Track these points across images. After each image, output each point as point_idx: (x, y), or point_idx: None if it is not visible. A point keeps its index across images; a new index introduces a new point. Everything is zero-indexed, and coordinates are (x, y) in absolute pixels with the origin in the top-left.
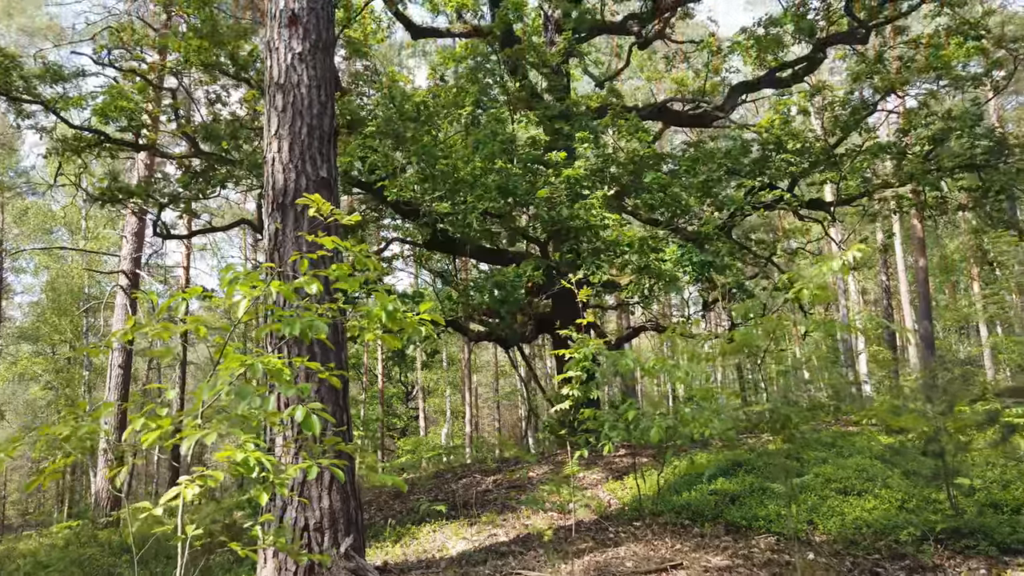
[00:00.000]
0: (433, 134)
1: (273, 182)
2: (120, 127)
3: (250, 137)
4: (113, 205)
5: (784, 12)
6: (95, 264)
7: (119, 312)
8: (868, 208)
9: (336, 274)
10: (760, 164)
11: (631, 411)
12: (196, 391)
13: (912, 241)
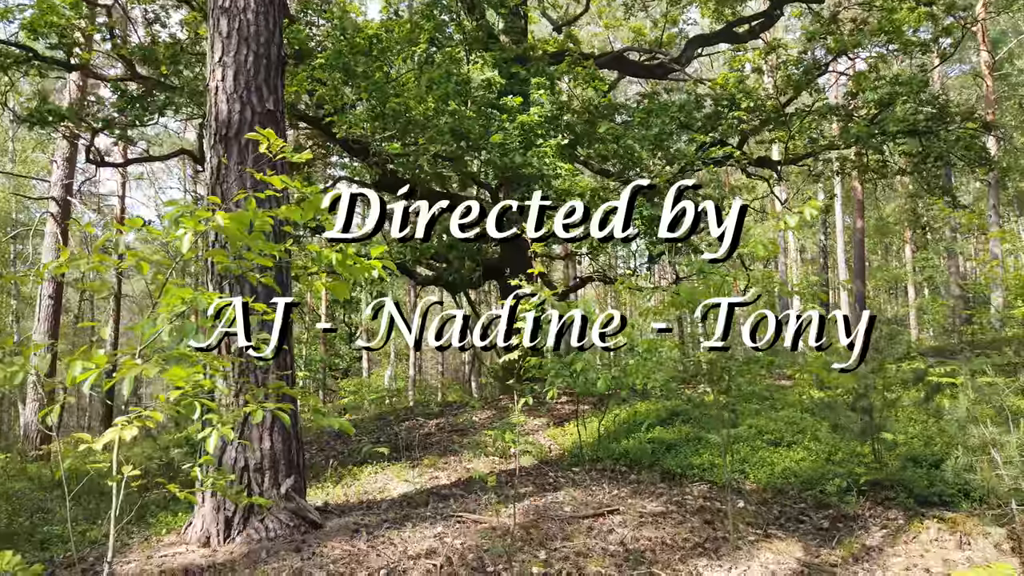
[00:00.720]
0: (385, 70)
1: (216, 113)
2: (51, 44)
3: (191, 63)
4: (43, 127)
5: None
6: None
7: (49, 240)
8: (813, 168)
9: (285, 214)
10: (712, 120)
11: (579, 362)
12: (135, 326)
13: (851, 203)
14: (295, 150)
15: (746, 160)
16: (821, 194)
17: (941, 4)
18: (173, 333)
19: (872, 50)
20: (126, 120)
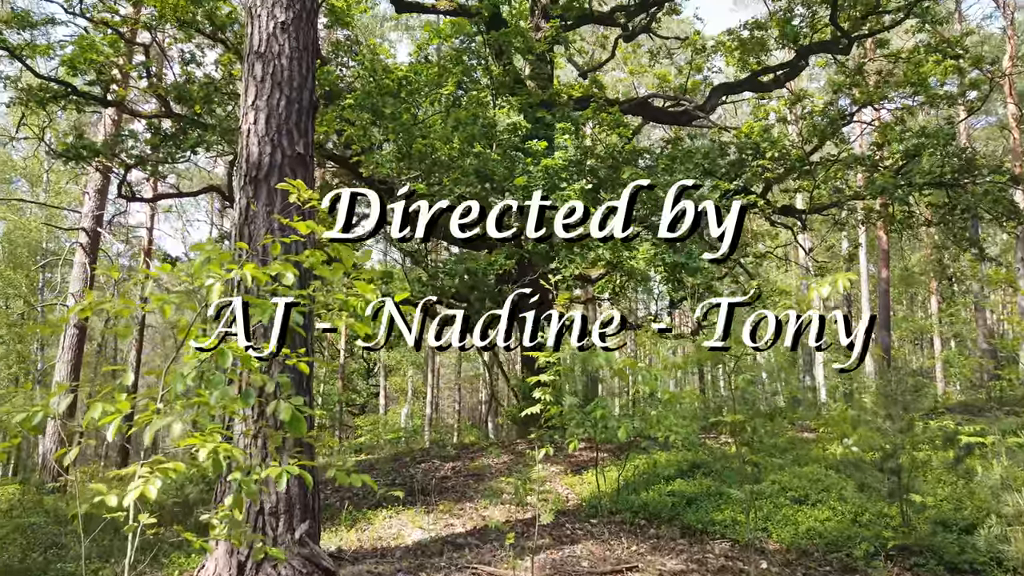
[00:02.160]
0: (412, 112)
1: (247, 155)
2: (88, 80)
3: (224, 101)
4: (77, 162)
5: (770, 16)
6: (56, 219)
7: (77, 269)
8: (837, 217)
9: (310, 262)
10: (737, 167)
11: (599, 411)
12: (161, 373)
13: (876, 251)
14: (322, 188)
15: (770, 209)
16: (845, 243)
17: (968, 58)
18: (197, 380)
19: (898, 101)
20: (159, 157)
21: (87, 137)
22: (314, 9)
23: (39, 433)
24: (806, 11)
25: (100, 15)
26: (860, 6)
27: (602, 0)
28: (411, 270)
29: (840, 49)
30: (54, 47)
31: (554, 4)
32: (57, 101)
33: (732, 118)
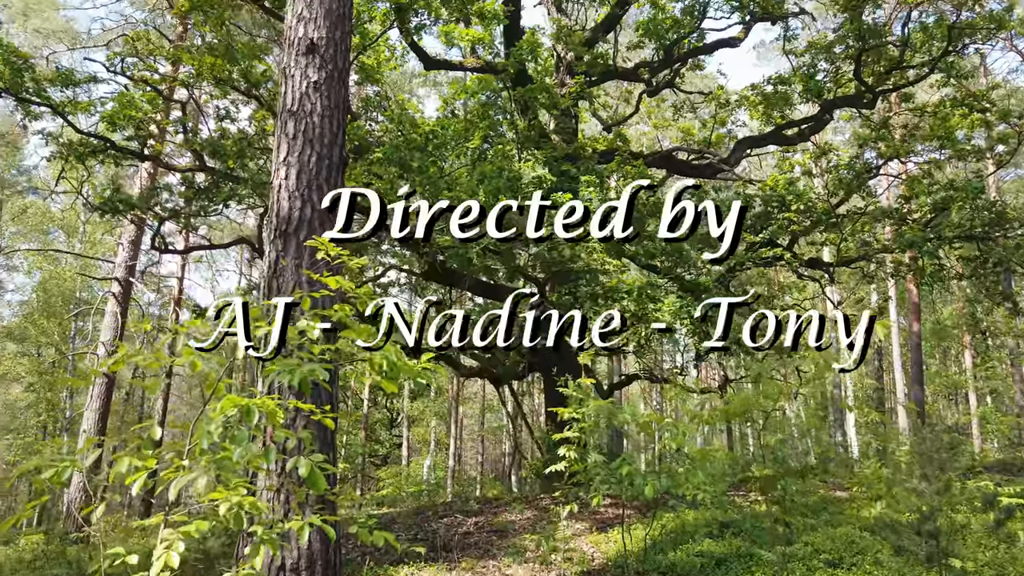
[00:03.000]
0: (439, 165)
1: (278, 209)
2: (127, 136)
3: (256, 155)
4: (113, 215)
5: (794, 71)
6: (89, 269)
7: (108, 318)
8: (866, 270)
9: (338, 316)
10: (762, 220)
11: (625, 467)
12: (189, 428)
13: (906, 304)
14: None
15: (797, 262)
16: (875, 295)
17: (995, 111)
18: (223, 436)
19: (925, 155)
20: (192, 210)
21: (124, 191)
22: (346, 69)
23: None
24: (829, 66)
25: (140, 73)
26: (884, 61)
27: (626, 57)
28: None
29: (865, 104)
30: (95, 104)
31: (579, 61)
32: (96, 155)
33: (757, 171)
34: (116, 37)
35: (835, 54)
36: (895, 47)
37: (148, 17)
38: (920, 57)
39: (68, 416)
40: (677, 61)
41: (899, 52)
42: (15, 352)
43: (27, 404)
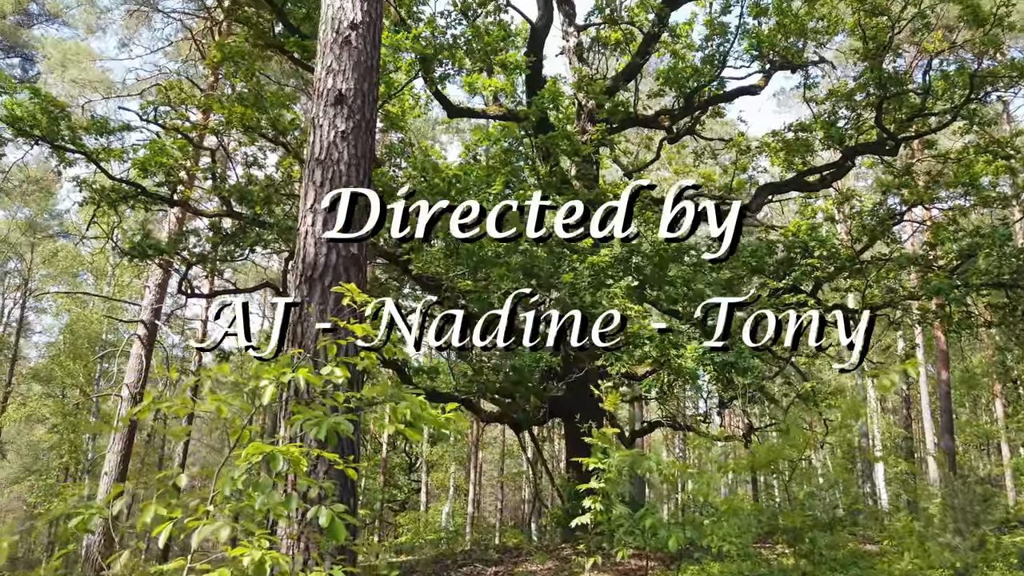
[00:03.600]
0: None
1: (304, 255)
2: (157, 182)
3: (282, 200)
4: (142, 260)
5: (815, 118)
6: (116, 312)
7: (133, 361)
8: (892, 317)
9: (363, 364)
10: (785, 266)
11: (648, 518)
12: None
13: (934, 352)
14: (372, 284)
15: (821, 308)
16: (901, 342)
17: (1019, 158)
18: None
19: (949, 201)
20: (219, 255)
21: (153, 235)
22: (373, 119)
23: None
24: (850, 113)
25: (172, 122)
26: (905, 109)
27: (646, 104)
28: (456, 364)
29: (887, 150)
30: (127, 151)
31: (600, 109)
32: (127, 201)
33: (779, 217)
34: (150, 87)
35: (856, 102)
36: (916, 95)
37: (181, 67)
38: (942, 104)
39: (90, 458)
40: (697, 108)
41: (921, 100)
42: (40, 393)
43: (50, 446)
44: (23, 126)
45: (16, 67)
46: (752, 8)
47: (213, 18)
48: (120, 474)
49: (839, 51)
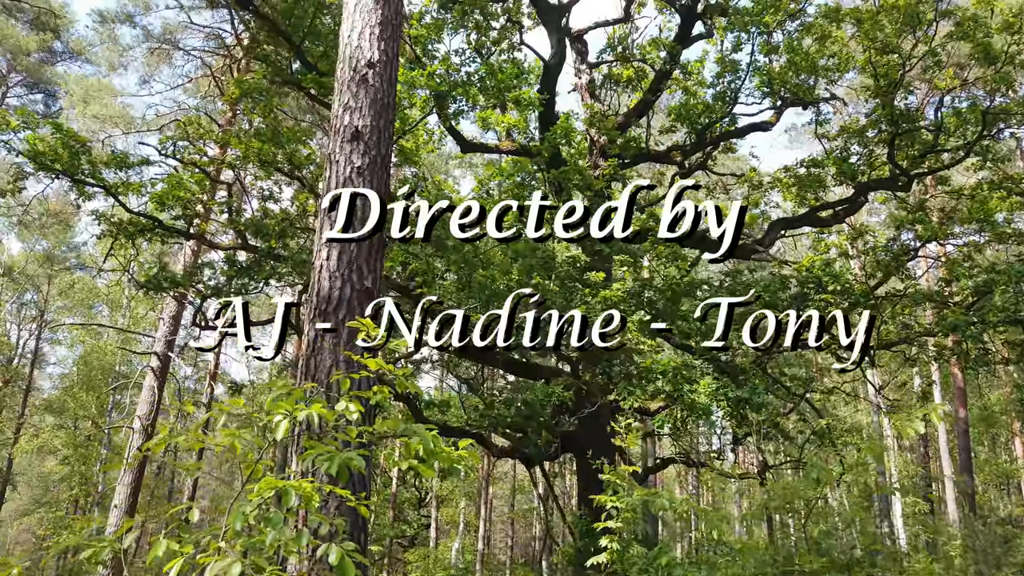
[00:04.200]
0: (474, 243)
1: (318, 289)
2: (174, 215)
3: (297, 234)
4: (157, 293)
5: (826, 154)
6: (130, 343)
7: (146, 393)
8: (908, 354)
9: (377, 399)
10: (799, 301)
11: (663, 557)
12: (224, 509)
13: (952, 389)
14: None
15: (835, 344)
16: (917, 379)
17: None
18: (257, 517)
19: (964, 237)
20: (233, 288)
21: (168, 268)
22: (388, 155)
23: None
24: (863, 150)
25: (190, 156)
26: (918, 145)
27: (658, 140)
28: (467, 398)
29: (900, 186)
30: (146, 185)
31: (612, 144)
32: (144, 234)
33: (792, 252)
34: (169, 122)
35: (868, 138)
36: (928, 131)
37: (200, 103)
38: (954, 141)
39: (100, 490)
40: (709, 144)
41: (933, 136)
42: (53, 425)
43: (60, 477)
44: (44, 160)
45: (39, 103)
46: (763, 46)
47: (232, 56)
48: (130, 507)
49: (850, 88)
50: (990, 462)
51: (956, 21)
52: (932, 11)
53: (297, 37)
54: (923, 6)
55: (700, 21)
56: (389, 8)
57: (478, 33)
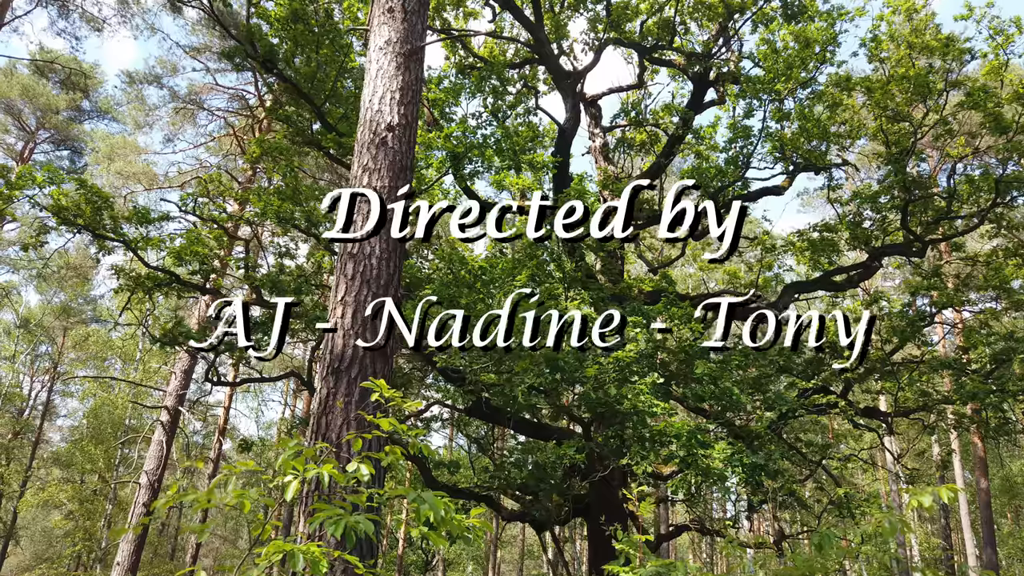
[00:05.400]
0: (487, 302)
1: (332, 346)
2: (191, 270)
3: (312, 291)
4: (172, 347)
5: (840, 219)
6: (141, 396)
7: (154, 447)
8: (926, 421)
9: (388, 460)
10: (814, 366)
11: None
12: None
13: (972, 459)
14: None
15: (852, 410)
16: (936, 447)
17: None
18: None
19: (980, 304)
20: (248, 343)
21: (184, 322)
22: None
23: None
24: (876, 215)
25: (209, 213)
26: (931, 211)
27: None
28: (477, 458)
29: (914, 252)
30: (165, 240)
31: None
32: (161, 289)
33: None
34: (190, 179)
35: (881, 204)
36: (942, 198)
37: (221, 161)
38: (968, 208)
39: (103, 546)
40: (722, 207)
41: (946, 203)
42: (59, 478)
43: (64, 532)
44: (68, 215)
45: (65, 159)
46: (774, 113)
47: (255, 116)
48: (132, 564)
49: (862, 154)
50: (1014, 535)
51: (966, 91)
52: (942, 81)
53: (319, 99)
54: (933, 76)
55: (712, 88)
56: (410, 74)
57: (495, 97)
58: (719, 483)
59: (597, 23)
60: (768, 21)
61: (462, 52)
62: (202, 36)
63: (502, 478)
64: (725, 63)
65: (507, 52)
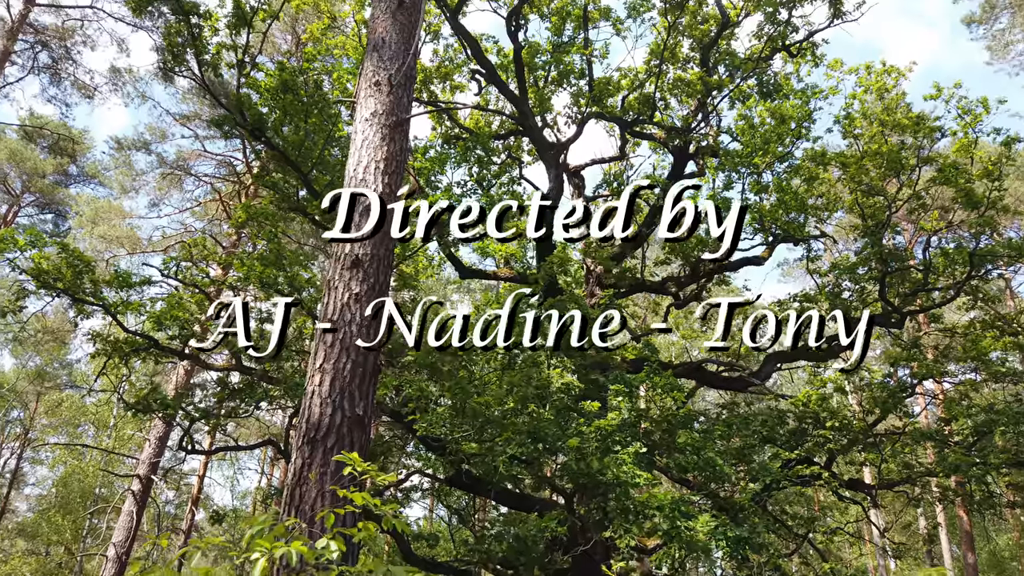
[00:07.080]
0: (469, 369)
1: (308, 415)
2: (171, 335)
3: (292, 356)
4: (146, 414)
5: (819, 289)
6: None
7: (124, 518)
8: (911, 494)
9: (361, 536)
10: (797, 437)
11: None
12: None
13: (959, 532)
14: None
15: (836, 482)
16: (923, 520)
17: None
18: None
19: (960, 375)
20: (224, 410)
21: (160, 388)
22: (387, 282)
23: None
24: (854, 286)
25: (192, 277)
26: (908, 283)
27: (653, 271)
28: (457, 530)
29: (892, 323)
30: (145, 304)
31: (608, 274)
32: (139, 354)
33: (788, 384)
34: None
35: (859, 275)
36: (918, 270)
37: (206, 226)
38: (944, 280)
39: None
40: (703, 276)
41: (923, 275)
42: (24, 550)
43: None
44: (48, 279)
45: (48, 222)
46: (753, 185)
47: (242, 182)
48: None
49: (839, 226)
50: None
51: (938, 167)
52: (914, 157)
53: (305, 167)
54: (905, 152)
55: (692, 161)
56: (395, 145)
57: (480, 167)
58: (704, 556)
59: (580, 97)
60: (745, 98)
61: (448, 123)
62: (192, 104)
63: (482, 551)
64: (704, 137)
65: (492, 123)
